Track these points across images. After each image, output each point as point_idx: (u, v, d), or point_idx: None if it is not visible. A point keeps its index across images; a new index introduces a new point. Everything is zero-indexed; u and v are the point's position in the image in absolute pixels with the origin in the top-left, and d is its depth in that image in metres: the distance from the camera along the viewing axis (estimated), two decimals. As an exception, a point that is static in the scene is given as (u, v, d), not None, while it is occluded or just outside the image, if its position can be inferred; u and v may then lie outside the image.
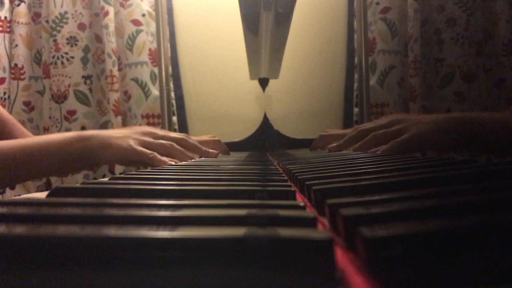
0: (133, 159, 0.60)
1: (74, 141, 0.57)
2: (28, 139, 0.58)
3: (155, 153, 0.59)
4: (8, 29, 1.15)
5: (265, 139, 1.16)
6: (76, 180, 1.14)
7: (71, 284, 0.11)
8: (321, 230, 0.12)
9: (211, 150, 0.69)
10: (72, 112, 1.16)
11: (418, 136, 0.57)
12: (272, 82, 1.12)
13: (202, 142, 0.71)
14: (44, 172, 0.57)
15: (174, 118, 1.19)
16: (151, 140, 0.62)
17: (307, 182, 0.23)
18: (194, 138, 0.70)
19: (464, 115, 0.59)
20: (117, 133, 0.61)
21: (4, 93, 1.14)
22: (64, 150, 0.56)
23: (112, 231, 0.12)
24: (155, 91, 1.17)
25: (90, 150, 0.57)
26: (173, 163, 0.57)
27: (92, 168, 0.69)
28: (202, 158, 0.66)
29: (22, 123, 1.17)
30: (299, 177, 0.27)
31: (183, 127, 1.19)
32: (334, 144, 0.68)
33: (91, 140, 0.58)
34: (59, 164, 0.57)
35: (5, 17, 1.15)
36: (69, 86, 1.16)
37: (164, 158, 0.59)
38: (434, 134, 0.57)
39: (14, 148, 0.54)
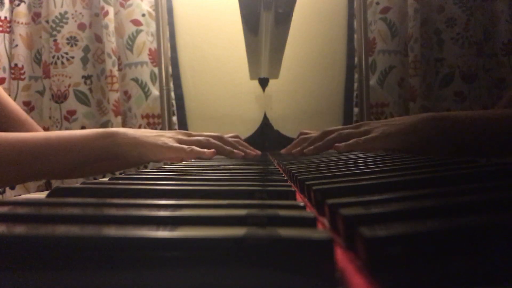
0: (170, 156, 0.58)
1: (99, 137, 0.55)
2: (51, 132, 0.56)
3: (193, 147, 0.58)
4: (8, 29, 1.15)
5: (265, 139, 1.16)
6: (76, 180, 1.14)
7: (71, 284, 0.11)
8: (321, 230, 0.12)
9: (249, 151, 0.66)
10: (72, 112, 1.16)
11: (384, 137, 0.56)
12: (272, 82, 1.12)
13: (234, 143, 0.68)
14: (65, 168, 0.54)
15: (174, 118, 1.19)
16: (186, 138, 0.61)
17: (307, 182, 0.23)
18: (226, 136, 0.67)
19: (434, 114, 0.58)
20: (147, 132, 0.60)
21: (4, 93, 1.14)
22: (88, 146, 0.54)
23: (112, 231, 0.12)
24: (155, 91, 1.17)
25: (118, 148, 0.56)
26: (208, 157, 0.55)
27: (120, 168, 0.67)
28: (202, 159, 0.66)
29: (22, 123, 1.17)
30: (299, 177, 0.27)
31: (183, 127, 1.19)
32: (299, 148, 0.66)
33: (117, 137, 0.56)
34: (82, 159, 0.54)
35: (5, 17, 1.15)
36: (69, 86, 1.16)
37: (203, 150, 0.57)
38: (401, 134, 0.56)
39: (37, 139, 0.52)
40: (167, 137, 0.60)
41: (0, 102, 0.71)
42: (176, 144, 0.58)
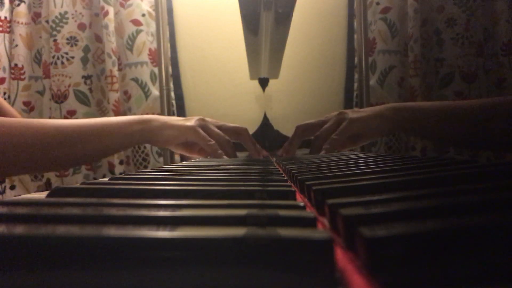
0: (193, 140, 0.62)
1: (135, 123, 0.60)
2: (91, 119, 0.59)
3: (215, 143, 0.61)
4: (8, 29, 1.15)
5: (265, 139, 1.16)
6: (76, 180, 1.14)
7: (71, 284, 0.11)
8: (321, 230, 0.12)
9: (261, 151, 0.69)
10: (72, 112, 1.16)
11: (355, 122, 0.61)
12: (272, 82, 1.12)
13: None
14: (105, 150, 0.59)
15: (174, 118, 1.18)
16: (211, 126, 0.65)
17: (307, 182, 0.23)
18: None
19: (402, 104, 0.63)
20: (176, 118, 0.64)
21: (4, 93, 1.14)
22: (124, 130, 0.58)
23: (112, 231, 0.12)
24: (155, 91, 1.17)
25: (150, 131, 0.60)
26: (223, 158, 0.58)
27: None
28: (202, 159, 0.66)
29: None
30: (299, 177, 0.27)
31: (183, 127, 1.19)
32: (281, 150, 0.70)
33: (150, 122, 0.61)
34: (120, 142, 0.59)
35: (5, 17, 1.15)
36: (69, 86, 1.16)
37: (221, 152, 0.61)
38: (370, 120, 0.61)
39: (75, 125, 0.56)
40: (195, 120, 0.64)
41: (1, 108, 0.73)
42: (202, 132, 0.62)
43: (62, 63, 1.16)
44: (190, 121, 0.63)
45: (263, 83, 1.12)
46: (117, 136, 0.58)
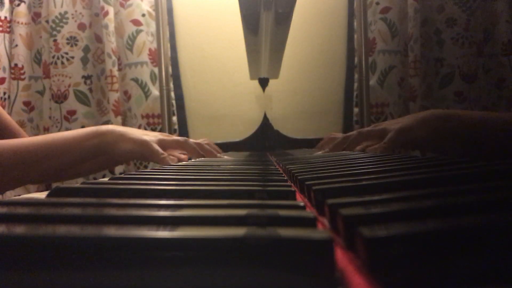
0: (147, 154, 0.62)
1: (90, 137, 0.59)
2: (48, 135, 0.60)
3: (166, 154, 0.62)
4: (8, 29, 1.15)
5: (265, 139, 1.16)
6: (76, 180, 1.14)
7: (71, 284, 0.11)
8: (321, 230, 0.12)
9: (213, 151, 0.71)
10: (72, 112, 1.16)
11: (400, 132, 0.60)
12: (272, 82, 1.12)
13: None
14: (62, 167, 0.59)
15: (174, 118, 1.19)
16: (166, 138, 0.66)
17: (307, 182, 0.23)
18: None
19: (444, 111, 0.62)
20: (133, 130, 0.64)
21: (4, 93, 1.14)
22: (81, 145, 0.58)
23: (112, 231, 0.12)
24: (155, 91, 1.17)
25: (106, 145, 0.60)
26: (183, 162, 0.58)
27: (111, 166, 0.71)
28: (202, 158, 0.66)
29: (22, 123, 1.17)
30: (299, 177, 0.27)
31: (183, 127, 1.19)
32: (327, 148, 0.73)
33: (106, 135, 0.60)
34: (77, 157, 0.58)
35: (5, 17, 1.15)
36: (69, 86, 1.16)
37: (174, 158, 0.62)
38: (414, 128, 0.60)
39: (36, 143, 0.56)
40: (150, 135, 0.64)
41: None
42: (155, 146, 0.62)
43: (62, 63, 1.16)
44: (144, 135, 0.63)
45: (263, 83, 1.12)
46: (74, 151, 0.58)
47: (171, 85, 1.18)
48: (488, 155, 0.62)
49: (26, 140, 0.57)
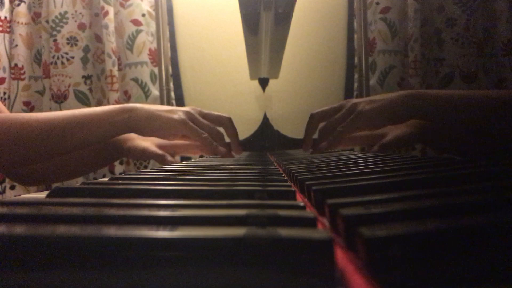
0: (182, 132, 0.60)
1: (119, 112, 0.58)
2: (75, 110, 0.59)
3: (208, 135, 0.60)
4: (8, 29, 1.15)
5: (265, 139, 1.16)
6: (76, 180, 1.14)
7: (71, 284, 0.11)
8: (321, 230, 0.12)
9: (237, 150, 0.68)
10: (72, 112, 1.16)
11: (364, 115, 0.57)
12: (272, 82, 1.12)
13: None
14: (90, 140, 0.58)
15: (174, 118, 1.18)
16: (200, 118, 0.63)
17: (307, 182, 0.23)
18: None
19: (413, 91, 0.58)
20: (162, 107, 0.62)
21: (4, 93, 1.14)
22: (109, 120, 0.57)
23: (112, 231, 0.12)
24: (155, 91, 1.17)
25: (136, 121, 0.59)
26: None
27: (132, 153, 0.71)
28: (202, 158, 0.66)
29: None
30: (299, 177, 0.27)
31: (183, 127, 1.19)
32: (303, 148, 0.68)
33: (135, 111, 0.59)
34: (105, 132, 0.58)
35: (5, 17, 1.15)
36: (69, 86, 1.16)
37: (216, 144, 0.60)
38: (382, 111, 0.57)
39: (60, 118, 0.56)
40: (182, 111, 0.62)
41: None
42: (191, 124, 0.60)
43: (62, 63, 1.16)
44: (177, 114, 0.61)
45: (263, 83, 1.12)
46: (103, 125, 0.57)
47: (171, 85, 1.18)
48: (472, 134, 0.60)
49: (54, 114, 0.57)
